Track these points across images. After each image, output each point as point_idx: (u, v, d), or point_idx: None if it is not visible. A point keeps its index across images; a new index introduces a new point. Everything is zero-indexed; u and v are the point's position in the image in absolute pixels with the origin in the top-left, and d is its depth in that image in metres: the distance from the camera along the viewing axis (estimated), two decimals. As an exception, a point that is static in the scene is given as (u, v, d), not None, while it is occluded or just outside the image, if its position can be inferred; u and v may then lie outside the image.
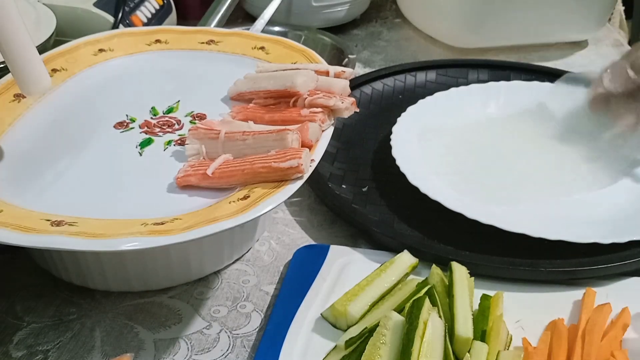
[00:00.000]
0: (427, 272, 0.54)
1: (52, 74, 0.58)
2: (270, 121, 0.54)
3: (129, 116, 0.57)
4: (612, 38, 0.99)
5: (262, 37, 0.66)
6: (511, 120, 0.74)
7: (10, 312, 0.54)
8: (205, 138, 0.51)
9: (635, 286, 0.55)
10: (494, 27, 0.89)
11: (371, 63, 0.92)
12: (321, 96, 0.54)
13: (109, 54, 0.64)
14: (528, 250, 0.56)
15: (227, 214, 0.44)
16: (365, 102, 0.78)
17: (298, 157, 0.47)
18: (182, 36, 0.66)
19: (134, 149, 0.54)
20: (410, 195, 0.61)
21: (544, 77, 0.80)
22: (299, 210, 0.65)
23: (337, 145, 0.71)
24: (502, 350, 0.48)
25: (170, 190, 0.50)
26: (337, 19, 0.96)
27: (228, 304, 0.55)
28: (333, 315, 0.51)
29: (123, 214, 0.46)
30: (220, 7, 0.79)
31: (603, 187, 0.64)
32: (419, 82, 0.82)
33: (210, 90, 0.60)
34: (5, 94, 0.57)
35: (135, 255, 0.53)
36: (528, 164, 0.67)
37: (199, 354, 0.51)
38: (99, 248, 0.43)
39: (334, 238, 0.62)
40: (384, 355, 0.45)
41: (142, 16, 0.82)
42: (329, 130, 0.53)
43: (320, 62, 0.60)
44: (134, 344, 0.51)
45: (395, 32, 1.00)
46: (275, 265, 0.58)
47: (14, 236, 0.43)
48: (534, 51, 0.94)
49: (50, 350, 0.51)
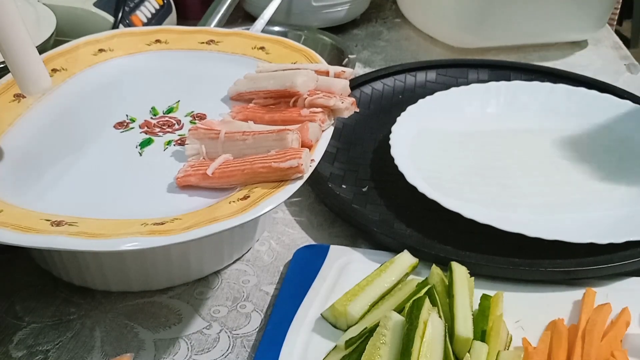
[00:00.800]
0: (427, 272, 0.54)
1: (52, 74, 0.58)
2: (270, 121, 0.54)
3: (129, 116, 0.57)
4: (611, 39, 0.99)
5: (262, 37, 0.66)
6: (511, 119, 0.74)
7: (10, 312, 0.54)
8: (205, 138, 0.51)
9: (635, 286, 0.55)
10: (494, 27, 0.89)
11: (371, 63, 0.92)
12: (321, 96, 0.54)
13: (109, 54, 0.64)
14: (528, 250, 0.56)
15: (227, 214, 0.44)
16: (365, 102, 0.78)
17: (298, 157, 0.47)
18: (182, 36, 0.66)
19: (134, 149, 0.54)
20: (411, 195, 0.61)
21: (544, 77, 0.80)
22: (299, 210, 0.65)
23: (337, 145, 0.71)
24: (502, 350, 0.48)
25: (170, 190, 0.50)
26: (337, 19, 0.96)
27: (228, 304, 0.55)
28: (333, 315, 0.51)
29: (123, 214, 0.46)
30: (220, 7, 0.79)
31: (603, 186, 0.64)
32: (419, 82, 0.82)
33: (210, 90, 0.60)
34: (5, 94, 0.57)
35: (135, 255, 0.53)
36: (528, 163, 0.67)
37: (199, 354, 0.51)
38: (99, 248, 0.43)
39: (334, 238, 0.62)
40: (384, 355, 0.45)
41: (142, 16, 0.82)
42: (329, 130, 0.53)
43: (320, 62, 0.60)
44: (134, 344, 0.51)
45: (395, 32, 1.00)
46: (275, 265, 0.58)
47: (14, 236, 0.43)
48: (534, 51, 0.94)
49: (50, 350, 0.51)
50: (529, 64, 0.86)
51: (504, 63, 0.86)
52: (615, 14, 1.38)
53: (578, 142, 0.70)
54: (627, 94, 0.77)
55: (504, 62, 0.86)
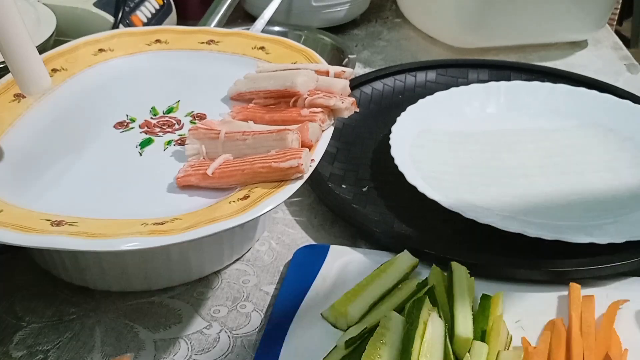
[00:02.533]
0: (427, 272, 0.54)
1: (52, 74, 0.58)
2: (270, 121, 0.54)
3: (129, 116, 0.57)
4: (611, 39, 0.99)
5: (262, 37, 0.66)
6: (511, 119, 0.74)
7: (10, 312, 0.54)
8: (205, 138, 0.51)
9: (635, 286, 0.55)
10: (494, 27, 0.89)
11: (371, 63, 0.92)
12: (321, 96, 0.54)
13: (109, 54, 0.64)
14: (528, 250, 0.56)
15: (227, 214, 0.44)
16: (365, 102, 0.78)
17: (298, 157, 0.47)
18: (182, 36, 0.66)
19: (134, 149, 0.54)
20: (411, 195, 0.61)
21: (544, 77, 0.80)
22: (299, 210, 0.65)
23: (337, 145, 0.71)
24: (502, 350, 0.48)
25: (170, 190, 0.50)
26: (337, 19, 0.96)
27: (228, 304, 0.55)
28: (333, 316, 0.51)
29: (123, 214, 0.46)
30: (220, 7, 0.79)
31: (603, 186, 0.64)
32: (419, 82, 0.82)
33: (210, 90, 0.60)
34: (5, 94, 0.57)
35: (135, 255, 0.53)
36: (528, 163, 0.67)
37: (199, 354, 0.51)
38: (99, 248, 0.43)
39: (334, 238, 0.62)
40: (384, 355, 0.45)
41: (142, 16, 0.82)
42: (329, 130, 0.53)
43: (320, 62, 0.60)
44: (134, 344, 0.51)
45: (395, 32, 1.00)
46: (275, 265, 0.58)
47: (14, 236, 0.43)
48: (534, 51, 0.94)
49: (50, 350, 0.51)
50: (529, 64, 0.86)
51: (504, 63, 0.86)
52: (615, 14, 1.38)
53: (578, 143, 0.70)
54: (627, 94, 0.77)
55: (504, 62, 0.86)
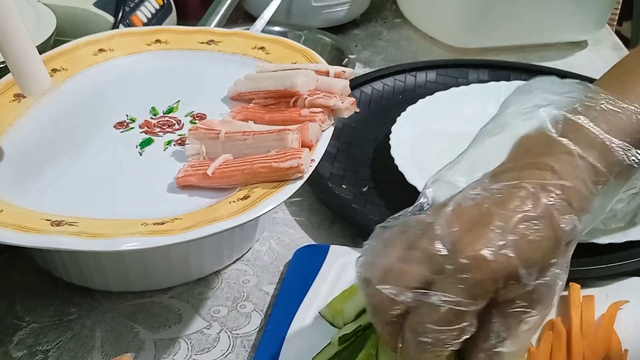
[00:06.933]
0: (427, 272, 0.54)
1: (52, 74, 0.58)
2: (271, 121, 0.54)
3: (129, 116, 0.57)
4: (611, 40, 0.99)
5: (262, 37, 0.66)
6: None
7: (10, 312, 0.54)
8: (205, 138, 0.51)
9: (635, 286, 0.55)
10: (494, 27, 0.89)
11: (371, 63, 0.92)
12: (321, 96, 0.54)
13: (109, 54, 0.64)
14: (528, 250, 0.56)
15: (227, 214, 0.44)
16: (365, 102, 0.78)
17: (298, 157, 0.47)
18: (182, 36, 0.66)
19: (134, 149, 0.54)
20: (411, 195, 0.61)
21: (544, 77, 0.80)
22: (299, 210, 0.65)
23: (337, 145, 0.71)
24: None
25: (170, 190, 0.50)
26: (337, 19, 0.96)
27: (228, 304, 0.55)
28: (330, 313, 0.51)
29: (123, 214, 0.46)
30: (220, 7, 0.79)
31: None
32: (419, 82, 0.82)
33: (210, 90, 0.60)
34: (5, 94, 0.57)
35: (136, 255, 0.53)
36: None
37: (199, 354, 0.51)
38: (99, 248, 0.43)
39: (334, 238, 0.62)
40: (382, 355, 0.45)
41: (142, 16, 0.82)
42: (329, 130, 0.53)
43: (320, 62, 0.60)
44: (134, 344, 0.51)
45: (395, 32, 1.00)
46: (275, 265, 0.58)
47: (14, 236, 0.43)
48: (534, 51, 0.94)
49: (50, 350, 0.51)
50: (529, 64, 0.86)
51: (504, 63, 0.86)
52: (616, 15, 1.38)
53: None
54: (627, 94, 0.77)
55: (504, 62, 0.86)
